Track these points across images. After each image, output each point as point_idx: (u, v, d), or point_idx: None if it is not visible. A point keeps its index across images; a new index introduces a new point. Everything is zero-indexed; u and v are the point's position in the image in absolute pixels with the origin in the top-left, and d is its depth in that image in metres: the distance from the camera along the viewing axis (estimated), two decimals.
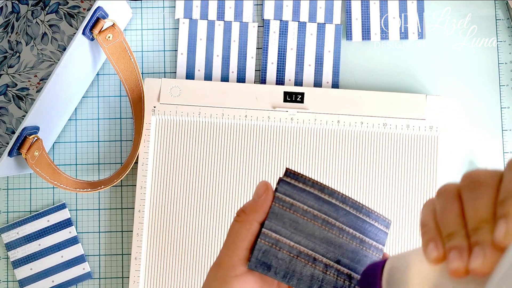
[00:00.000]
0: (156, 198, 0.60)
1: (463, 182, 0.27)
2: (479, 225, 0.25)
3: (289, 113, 0.60)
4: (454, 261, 0.25)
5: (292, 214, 0.36)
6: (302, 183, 0.37)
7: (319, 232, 0.36)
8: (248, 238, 0.35)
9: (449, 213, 0.27)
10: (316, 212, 0.36)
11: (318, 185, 0.37)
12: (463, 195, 0.27)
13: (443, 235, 0.27)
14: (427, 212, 0.29)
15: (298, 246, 0.36)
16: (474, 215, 0.26)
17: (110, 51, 0.57)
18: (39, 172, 0.55)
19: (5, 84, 0.63)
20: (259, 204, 0.36)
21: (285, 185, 0.37)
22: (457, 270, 0.25)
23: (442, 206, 0.28)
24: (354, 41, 0.64)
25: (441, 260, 0.26)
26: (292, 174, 0.37)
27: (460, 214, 0.27)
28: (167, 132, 0.61)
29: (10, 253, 0.61)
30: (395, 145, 0.60)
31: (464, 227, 0.26)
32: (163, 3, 0.65)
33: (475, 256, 0.24)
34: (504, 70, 0.63)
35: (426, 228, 0.28)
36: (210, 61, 0.64)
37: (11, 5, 0.62)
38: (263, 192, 0.36)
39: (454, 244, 0.26)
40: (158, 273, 0.59)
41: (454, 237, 0.26)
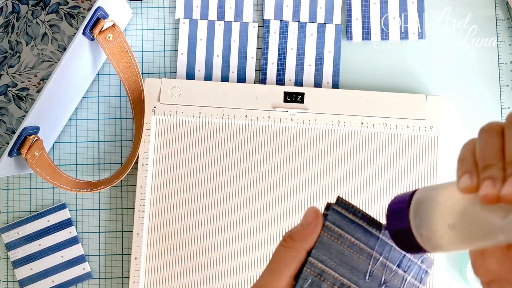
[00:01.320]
0: (156, 198, 0.60)
1: (508, 120, 0.27)
2: None
3: (289, 113, 0.60)
4: (488, 187, 0.25)
5: (339, 245, 0.36)
6: (352, 214, 0.37)
7: (363, 266, 0.36)
8: (294, 266, 0.35)
9: (489, 147, 0.27)
10: (363, 245, 0.36)
11: (367, 218, 0.37)
12: (506, 132, 0.27)
13: (480, 168, 0.27)
14: (467, 149, 0.29)
15: (341, 279, 0.36)
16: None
17: (110, 51, 0.57)
18: (39, 172, 0.55)
19: (5, 84, 0.63)
20: (309, 232, 0.36)
21: (335, 214, 0.36)
22: (489, 195, 0.25)
23: (483, 141, 0.28)
24: (354, 41, 0.64)
25: (474, 190, 0.27)
26: (343, 204, 0.37)
27: (500, 149, 0.27)
28: (167, 132, 0.61)
29: (10, 253, 0.61)
30: (395, 145, 0.60)
31: (502, 161, 0.26)
32: (163, 3, 0.65)
33: (509, 184, 0.24)
34: (504, 70, 0.63)
35: (463, 162, 0.28)
36: (210, 61, 0.64)
37: (11, 5, 0.62)
38: (313, 219, 0.36)
39: (489, 174, 0.26)
40: (158, 273, 0.59)
41: (491, 168, 0.26)
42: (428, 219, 0.31)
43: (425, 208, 0.31)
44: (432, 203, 0.31)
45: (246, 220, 0.60)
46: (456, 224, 0.29)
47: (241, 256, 0.60)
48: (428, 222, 0.31)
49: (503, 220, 0.25)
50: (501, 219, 0.26)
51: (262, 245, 0.60)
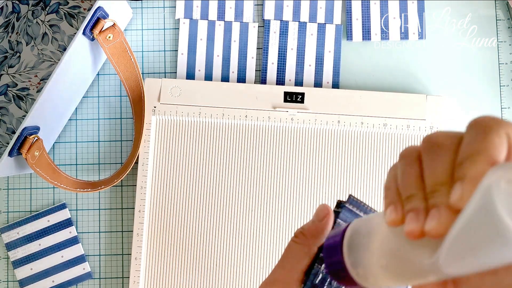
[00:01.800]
0: (156, 198, 0.60)
1: (423, 145, 0.27)
2: (437, 187, 0.25)
3: (289, 113, 0.60)
4: (411, 222, 0.25)
5: None
6: (363, 212, 0.37)
7: None
8: (305, 261, 0.36)
9: (408, 176, 0.27)
10: None
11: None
12: (422, 158, 0.27)
13: (403, 198, 0.27)
14: (390, 176, 0.29)
15: None
16: (432, 177, 0.26)
17: (111, 51, 0.57)
18: (39, 172, 0.55)
19: (6, 84, 0.63)
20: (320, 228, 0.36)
21: (346, 212, 0.37)
22: (413, 232, 0.25)
23: (402, 169, 0.27)
24: (354, 41, 0.64)
25: (400, 223, 0.26)
26: (355, 201, 0.37)
27: (419, 176, 0.26)
28: (168, 132, 0.61)
29: (10, 253, 0.61)
30: (395, 145, 0.60)
31: (422, 189, 0.26)
32: (164, 3, 0.65)
33: (431, 218, 0.24)
34: (504, 70, 0.63)
35: (388, 192, 0.28)
36: (210, 61, 0.64)
37: (11, 5, 0.62)
38: (324, 216, 0.36)
39: (411, 206, 0.26)
40: (158, 273, 0.59)
41: (412, 200, 0.26)
42: (362, 257, 0.30)
43: (357, 244, 0.31)
44: (363, 239, 0.31)
45: (246, 220, 0.60)
46: (388, 264, 0.28)
47: (241, 256, 0.60)
48: (362, 260, 0.30)
49: (430, 258, 0.25)
50: (429, 257, 0.25)
51: (262, 245, 0.60)
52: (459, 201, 0.23)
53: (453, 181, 0.24)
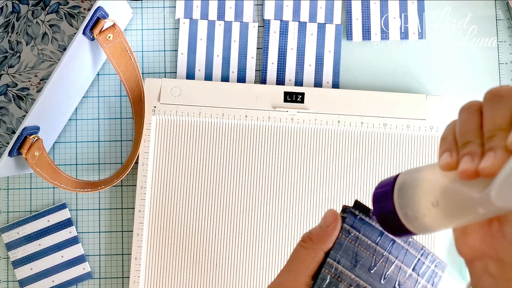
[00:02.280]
0: (156, 198, 0.60)
1: (485, 97, 0.28)
2: (495, 132, 0.26)
3: (289, 113, 0.60)
4: (466, 163, 0.26)
5: (356, 247, 0.37)
6: (369, 218, 0.38)
7: (379, 268, 0.37)
8: (312, 266, 0.36)
9: (468, 125, 0.27)
10: (379, 248, 0.37)
11: None
12: (484, 109, 0.27)
13: (459, 145, 0.27)
14: (448, 129, 0.29)
15: (358, 280, 0.37)
16: (491, 124, 0.26)
17: (111, 51, 0.57)
18: (39, 172, 0.55)
19: (6, 84, 0.63)
20: (327, 234, 0.37)
21: (352, 217, 0.38)
22: (467, 171, 0.25)
23: (462, 119, 0.28)
24: (354, 41, 0.64)
25: (454, 167, 0.27)
26: (361, 207, 0.38)
27: (479, 125, 0.27)
28: (168, 132, 0.61)
29: (10, 253, 0.60)
30: (395, 145, 0.60)
31: (480, 137, 0.26)
32: (164, 3, 0.65)
33: (486, 158, 0.25)
34: (504, 70, 0.64)
35: (444, 141, 0.29)
36: (210, 61, 0.64)
37: (11, 5, 0.62)
38: (332, 221, 0.37)
39: (468, 150, 0.26)
40: (158, 273, 0.59)
41: (469, 145, 0.26)
42: (412, 199, 0.31)
43: (408, 189, 0.32)
44: (415, 183, 0.31)
45: (246, 220, 0.60)
46: (439, 201, 0.29)
47: (241, 256, 0.60)
48: (412, 201, 0.31)
49: (481, 193, 0.26)
50: (479, 192, 0.26)
51: (262, 245, 0.60)
52: None
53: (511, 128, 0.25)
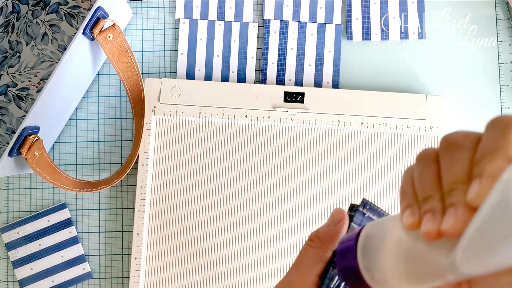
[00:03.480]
0: (156, 198, 0.60)
1: (441, 145, 0.26)
2: (454, 186, 0.24)
3: (289, 113, 0.60)
4: (428, 223, 0.24)
5: None
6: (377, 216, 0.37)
7: None
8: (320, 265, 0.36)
9: (426, 177, 0.26)
10: None
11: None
12: (440, 158, 0.26)
13: (420, 200, 0.26)
14: (406, 179, 0.28)
15: None
16: (449, 176, 0.25)
17: (110, 51, 0.57)
18: (39, 172, 0.55)
19: (6, 84, 0.63)
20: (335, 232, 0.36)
21: (360, 215, 0.37)
22: (430, 232, 0.24)
23: (419, 171, 0.27)
24: (354, 41, 0.64)
25: (417, 226, 0.26)
26: (369, 205, 0.38)
27: (437, 177, 0.26)
28: (167, 132, 0.61)
29: (10, 253, 0.60)
30: (395, 145, 0.60)
31: (440, 190, 0.25)
32: (163, 3, 0.65)
33: (448, 217, 0.24)
34: (504, 70, 0.63)
35: (404, 195, 0.27)
36: (210, 61, 0.64)
37: (11, 5, 0.62)
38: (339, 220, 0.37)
39: (428, 207, 0.25)
40: (158, 273, 0.59)
41: (429, 201, 0.25)
42: (377, 261, 0.30)
43: (372, 247, 0.31)
44: (378, 242, 0.30)
45: (246, 220, 0.60)
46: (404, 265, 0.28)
47: (241, 256, 0.60)
48: (377, 263, 0.30)
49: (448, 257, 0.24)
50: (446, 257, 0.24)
51: (262, 245, 0.60)
52: (477, 197, 0.22)
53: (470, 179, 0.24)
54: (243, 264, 0.59)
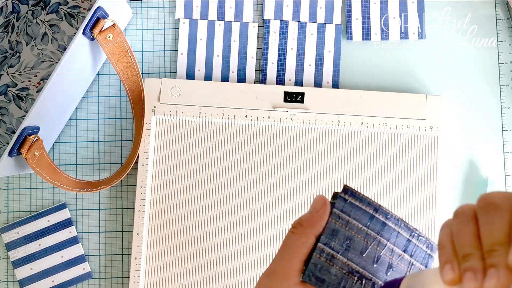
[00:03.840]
0: (156, 198, 0.60)
1: (479, 204, 0.28)
2: (494, 247, 0.26)
3: (289, 113, 0.60)
4: (469, 282, 0.26)
5: (347, 231, 0.37)
6: (359, 201, 0.38)
7: (371, 251, 0.37)
8: (304, 251, 0.36)
9: (465, 235, 0.28)
10: (370, 231, 0.38)
11: (374, 205, 0.38)
12: (479, 217, 0.28)
13: (459, 257, 0.27)
14: (444, 234, 0.29)
15: (350, 263, 0.37)
16: (489, 237, 0.26)
17: (110, 51, 0.57)
18: (39, 172, 0.55)
19: (5, 84, 0.63)
20: (317, 219, 0.37)
21: (342, 201, 0.38)
22: None
23: (458, 228, 0.28)
24: (354, 41, 0.64)
25: (457, 282, 0.27)
26: (350, 191, 0.38)
27: (476, 235, 0.27)
28: (167, 132, 0.61)
29: (10, 253, 0.61)
30: (395, 145, 0.60)
31: (479, 249, 0.27)
32: (163, 3, 0.65)
33: (489, 277, 0.25)
34: (504, 70, 0.63)
35: (443, 249, 0.29)
36: (210, 61, 0.64)
37: (11, 5, 0.62)
38: (321, 206, 0.37)
39: (469, 265, 0.26)
40: (158, 273, 0.59)
41: (470, 259, 0.27)
42: None
43: None
44: None
45: (246, 220, 0.60)
46: None
47: (241, 255, 0.60)
48: None
49: None
50: None
51: (262, 244, 0.60)
52: None
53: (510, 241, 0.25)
54: (243, 264, 0.59)
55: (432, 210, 0.59)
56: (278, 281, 0.36)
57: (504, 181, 0.62)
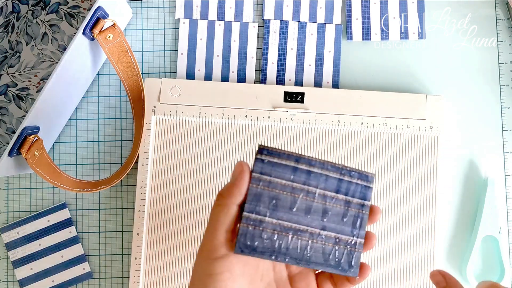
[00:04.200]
0: (156, 198, 0.60)
1: None
2: None
3: (289, 113, 0.60)
4: None
5: (271, 192, 0.36)
6: (277, 158, 0.37)
7: (301, 203, 0.36)
8: (227, 221, 0.36)
9: None
10: (295, 184, 0.37)
11: (294, 156, 0.37)
12: None
13: None
14: None
15: (281, 222, 0.36)
16: None
17: (110, 51, 0.57)
18: (39, 172, 0.55)
19: (6, 84, 0.63)
20: (237, 187, 0.36)
21: (260, 163, 0.37)
22: None
23: None
24: (354, 41, 0.64)
25: None
26: (266, 150, 0.37)
27: None
28: (167, 132, 0.61)
29: (10, 253, 0.61)
30: (395, 145, 0.60)
31: None
32: (163, 3, 0.65)
33: None
34: (504, 70, 0.64)
35: None
36: (210, 61, 0.64)
37: (11, 5, 0.62)
38: (239, 173, 0.36)
39: None
40: (158, 273, 0.59)
41: None
42: None
43: None
44: None
45: None
46: None
47: None
48: None
49: None
50: None
51: None
52: None
53: None
54: None
55: (432, 210, 0.59)
56: (206, 254, 0.35)
57: (504, 181, 0.62)
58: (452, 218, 0.62)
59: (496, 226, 0.59)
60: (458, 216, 0.62)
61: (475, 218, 0.61)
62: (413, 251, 0.59)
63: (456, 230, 0.61)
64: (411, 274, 0.59)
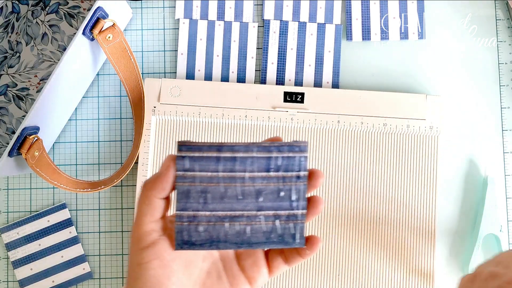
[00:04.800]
0: None
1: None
2: None
3: (289, 113, 0.60)
4: None
5: (198, 186, 0.36)
6: (198, 151, 0.36)
7: (231, 191, 0.37)
8: (150, 212, 0.36)
9: None
10: (221, 173, 0.37)
11: (216, 146, 0.37)
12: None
13: None
14: None
15: (215, 213, 0.36)
16: None
17: (110, 51, 0.57)
18: (39, 172, 0.55)
19: (5, 84, 0.63)
20: (160, 182, 0.36)
21: (181, 160, 0.36)
22: None
23: None
24: (354, 41, 0.64)
25: None
26: (185, 146, 0.37)
27: None
28: (167, 132, 0.61)
29: (10, 253, 0.61)
30: (395, 145, 0.60)
31: None
32: (163, 3, 0.65)
33: None
34: (504, 70, 0.63)
35: None
36: (210, 61, 0.64)
37: (11, 5, 0.62)
38: (165, 169, 0.36)
39: None
40: None
41: None
42: None
43: None
44: None
45: None
46: None
47: None
48: None
49: None
50: None
51: None
52: None
53: None
54: None
55: (432, 210, 0.59)
56: (134, 246, 0.36)
57: (504, 181, 0.62)
58: (453, 217, 0.62)
59: (497, 224, 0.59)
60: (459, 215, 0.62)
61: (476, 217, 0.61)
62: (414, 250, 0.59)
63: (457, 230, 0.61)
64: (411, 274, 0.59)
